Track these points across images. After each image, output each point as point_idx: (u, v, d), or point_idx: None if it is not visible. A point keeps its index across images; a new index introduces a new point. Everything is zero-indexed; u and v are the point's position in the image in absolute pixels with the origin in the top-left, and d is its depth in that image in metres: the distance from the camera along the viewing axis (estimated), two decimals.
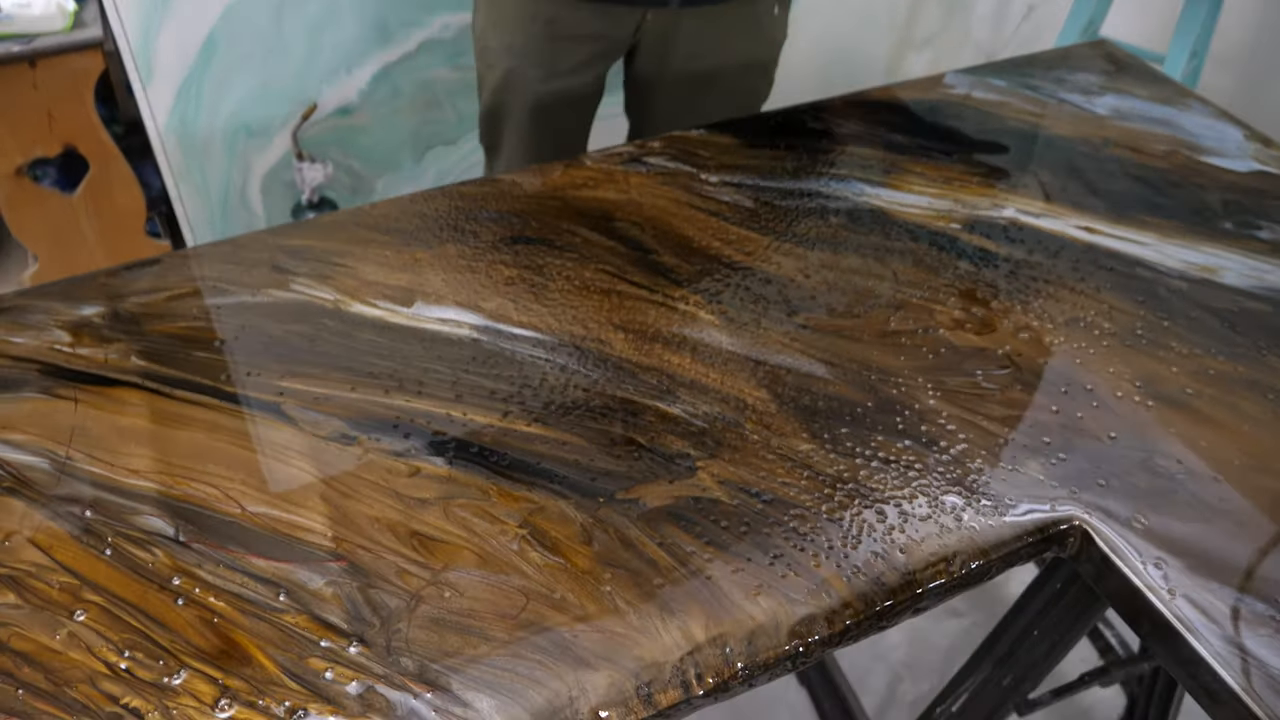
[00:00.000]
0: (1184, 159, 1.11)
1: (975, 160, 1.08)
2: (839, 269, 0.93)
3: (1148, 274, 0.96)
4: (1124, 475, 0.77)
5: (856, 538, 0.72)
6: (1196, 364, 0.86)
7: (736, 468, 0.76)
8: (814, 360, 0.84)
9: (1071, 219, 1.01)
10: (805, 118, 1.13)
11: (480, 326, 0.86)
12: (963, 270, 0.94)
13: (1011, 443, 0.79)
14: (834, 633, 0.68)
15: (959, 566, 0.71)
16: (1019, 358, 0.86)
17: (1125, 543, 0.73)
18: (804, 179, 1.04)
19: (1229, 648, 0.67)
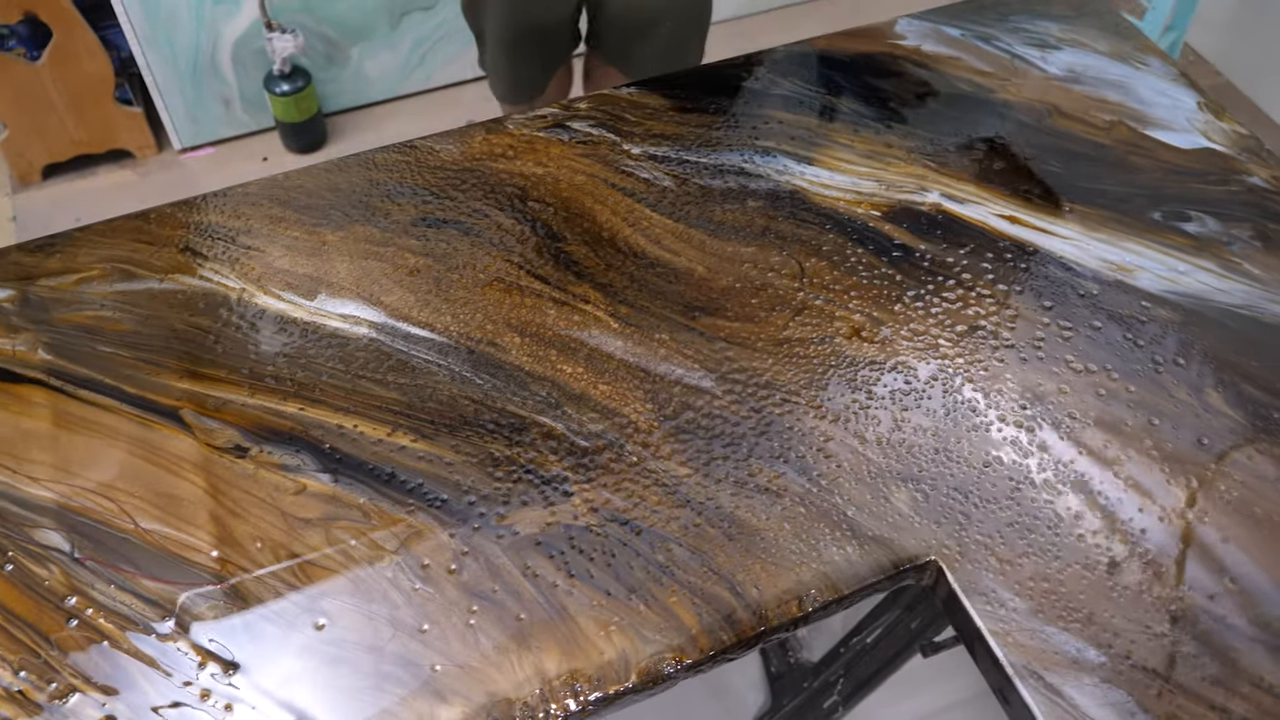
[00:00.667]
0: (1128, 132, 1.08)
1: (909, 131, 1.06)
2: (748, 262, 0.93)
3: (1061, 274, 0.95)
4: (989, 507, 0.80)
5: (715, 571, 0.76)
6: (1088, 382, 0.87)
7: (611, 493, 0.79)
8: (704, 372, 0.86)
9: (997, 205, 1.00)
10: (742, 74, 1.10)
11: (379, 324, 0.88)
12: (873, 267, 0.94)
13: (884, 470, 0.81)
14: (680, 669, 0.72)
15: (810, 603, 0.75)
16: (910, 372, 0.87)
17: (972, 582, 0.76)
18: (728, 151, 1.02)
19: (1049, 694, 0.71)
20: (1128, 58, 1.16)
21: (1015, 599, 0.76)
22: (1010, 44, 1.16)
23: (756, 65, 1.11)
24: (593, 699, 0.70)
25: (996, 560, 0.77)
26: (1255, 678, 0.73)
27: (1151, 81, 1.13)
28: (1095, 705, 0.72)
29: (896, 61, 1.13)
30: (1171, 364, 0.89)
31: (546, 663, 0.71)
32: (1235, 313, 0.93)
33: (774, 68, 1.11)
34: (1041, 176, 1.03)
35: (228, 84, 2.13)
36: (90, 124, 2.07)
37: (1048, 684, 0.72)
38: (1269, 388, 0.88)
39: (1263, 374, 0.89)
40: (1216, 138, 1.08)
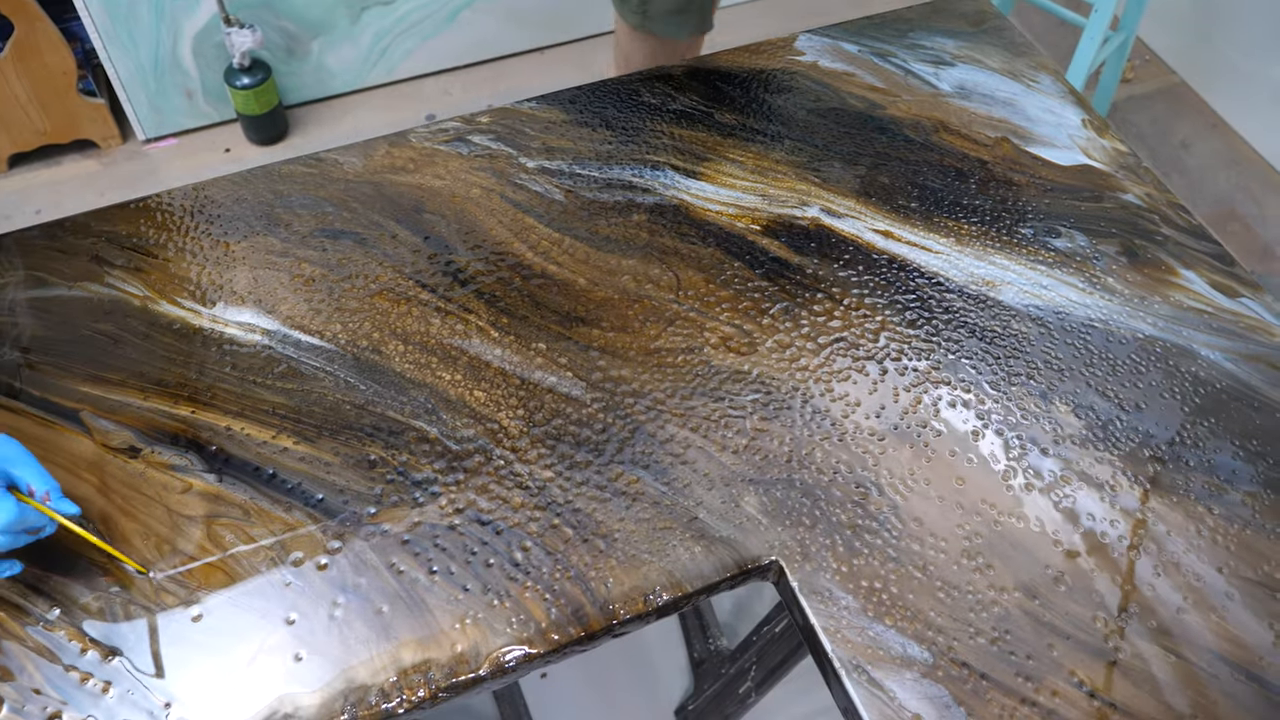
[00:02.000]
0: (1010, 150, 1.13)
1: (798, 146, 1.11)
2: (627, 275, 0.98)
3: (929, 288, 1.00)
4: (835, 512, 0.85)
5: (569, 570, 0.81)
6: (944, 393, 0.93)
7: (477, 495, 0.85)
8: (576, 380, 0.91)
9: (874, 220, 1.05)
10: (641, 89, 1.15)
11: (273, 332, 0.93)
12: (747, 280, 0.99)
13: (738, 476, 0.87)
14: (529, 660, 0.78)
15: (655, 600, 0.81)
16: (772, 382, 0.93)
17: (811, 581, 0.81)
18: (619, 166, 1.07)
19: (871, 689, 0.77)
20: (1020, 75, 1.20)
21: (849, 598, 0.81)
22: (906, 60, 1.21)
23: (656, 80, 1.16)
24: (443, 686, 0.76)
25: (835, 561, 0.83)
26: (1066, 673, 0.79)
27: (1039, 99, 1.18)
28: (914, 699, 0.77)
29: (792, 77, 1.18)
30: (1025, 377, 0.94)
31: (404, 653, 0.77)
32: (1092, 327, 0.98)
33: (672, 83, 1.16)
34: (920, 192, 1.08)
35: (190, 77, 2.17)
36: (54, 115, 2.11)
37: (871, 678, 0.78)
38: (1117, 399, 0.94)
39: (1112, 387, 0.95)
40: (1096, 155, 1.13)
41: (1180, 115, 2.46)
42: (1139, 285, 1.02)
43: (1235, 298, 1.03)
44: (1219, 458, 0.91)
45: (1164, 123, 2.46)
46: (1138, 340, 0.98)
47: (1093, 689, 0.78)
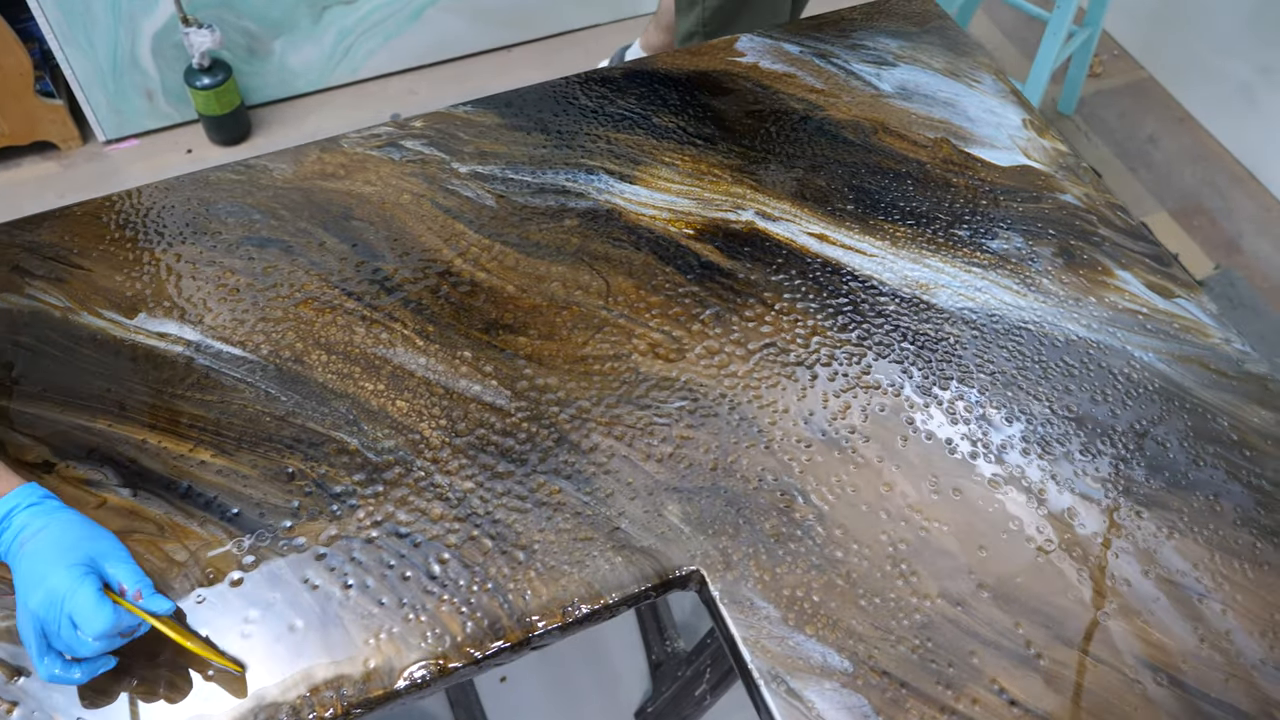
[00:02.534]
0: (950, 151, 1.12)
1: (735, 149, 1.10)
2: (557, 281, 0.98)
3: (862, 291, 1.00)
4: (759, 520, 0.84)
5: (487, 582, 0.81)
6: (872, 398, 0.92)
7: (395, 507, 0.84)
8: (501, 389, 0.90)
9: (809, 223, 1.04)
10: (579, 91, 1.14)
11: (195, 343, 0.92)
12: (678, 285, 0.98)
13: (661, 485, 0.86)
14: (443, 675, 0.77)
15: (574, 612, 0.80)
16: (700, 389, 0.92)
17: (732, 590, 0.81)
18: (553, 170, 1.06)
19: (790, 699, 0.76)
20: (961, 75, 1.20)
21: (770, 607, 0.81)
22: (847, 61, 1.20)
23: (594, 83, 1.15)
24: (355, 703, 0.75)
25: (758, 570, 0.82)
26: (987, 681, 0.78)
27: (980, 99, 1.17)
28: (833, 709, 0.77)
29: (732, 79, 1.17)
30: (957, 381, 0.94)
31: (316, 670, 0.76)
32: (1025, 329, 0.98)
33: (611, 85, 1.15)
34: (857, 194, 1.07)
35: (149, 77, 2.16)
36: (12, 117, 2.10)
37: (790, 688, 0.77)
38: (1049, 402, 0.93)
39: (1043, 390, 0.94)
40: (1036, 155, 1.12)
41: (1148, 110, 2.46)
42: (1074, 287, 1.01)
43: (1171, 298, 1.02)
44: (1150, 461, 0.90)
45: (1132, 117, 2.46)
46: (1071, 343, 0.97)
47: (1013, 697, 0.78)
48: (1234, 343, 1.00)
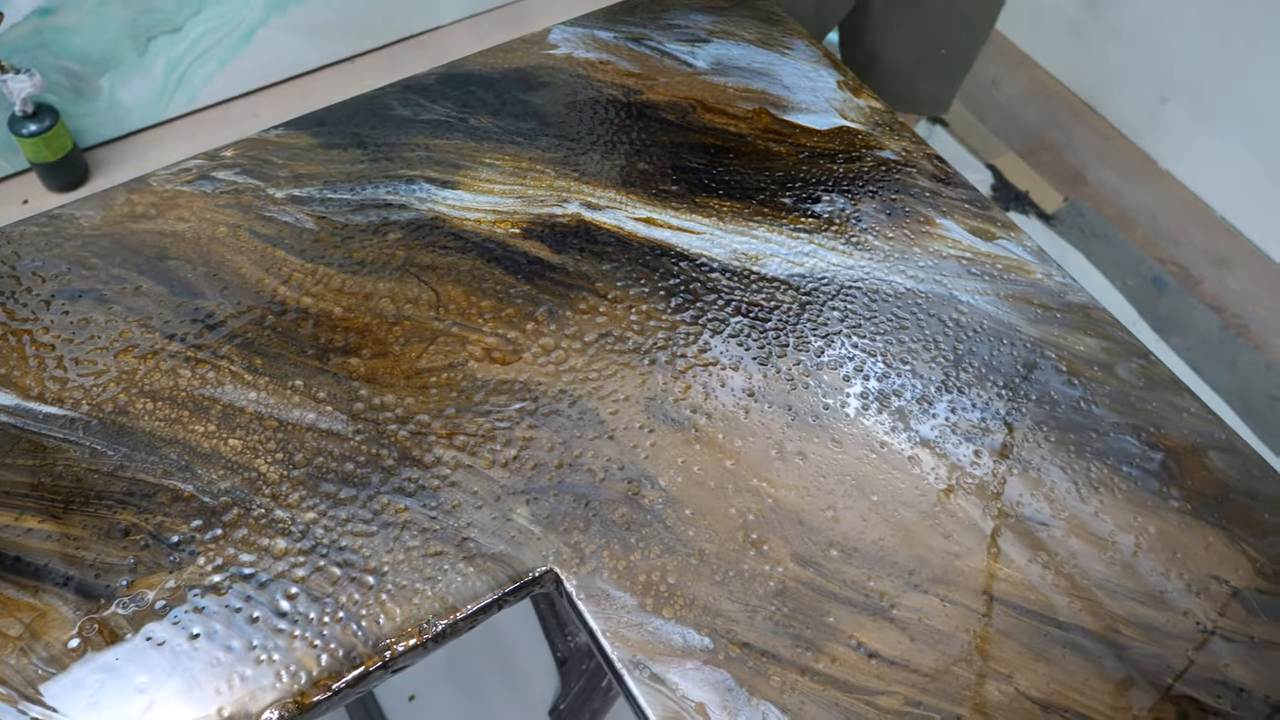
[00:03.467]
0: (768, 120, 1.13)
1: (556, 143, 1.09)
2: (385, 297, 0.96)
3: (693, 272, 1.00)
4: (608, 514, 0.84)
5: (336, 613, 0.79)
6: (711, 375, 0.93)
7: (237, 549, 0.82)
8: (337, 414, 0.89)
9: (636, 209, 1.04)
10: (392, 102, 1.12)
11: (10, 408, 0.88)
12: (509, 286, 0.98)
13: (508, 489, 0.86)
14: (303, 712, 0.76)
15: (431, 629, 0.79)
16: (539, 388, 0.92)
17: (588, 585, 0.81)
18: (372, 185, 1.04)
19: (653, 685, 0.77)
20: (774, 44, 1.21)
21: (625, 595, 0.81)
22: (661, 42, 1.20)
23: (407, 91, 1.13)
24: None
25: (611, 560, 0.82)
26: (845, 637, 0.80)
27: (794, 66, 1.19)
28: (697, 688, 0.77)
29: (548, 72, 1.16)
30: (792, 347, 0.95)
31: None
32: (855, 288, 1.00)
33: (424, 93, 1.13)
34: (680, 174, 1.07)
35: None
36: None
37: (653, 674, 0.78)
38: (884, 357, 0.95)
39: (878, 345, 0.96)
40: (852, 115, 1.14)
41: (988, 56, 2.52)
42: (899, 240, 1.04)
43: (992, 240, 1.05)
44: (983, 400, 0.93)
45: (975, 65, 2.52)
46: (900, 295, 0.99)
47: (871, 649, 0.79)
48: (1055, 276, 1.03)
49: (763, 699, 0.77)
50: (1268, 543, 0.87)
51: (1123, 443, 0.92)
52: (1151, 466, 0.91)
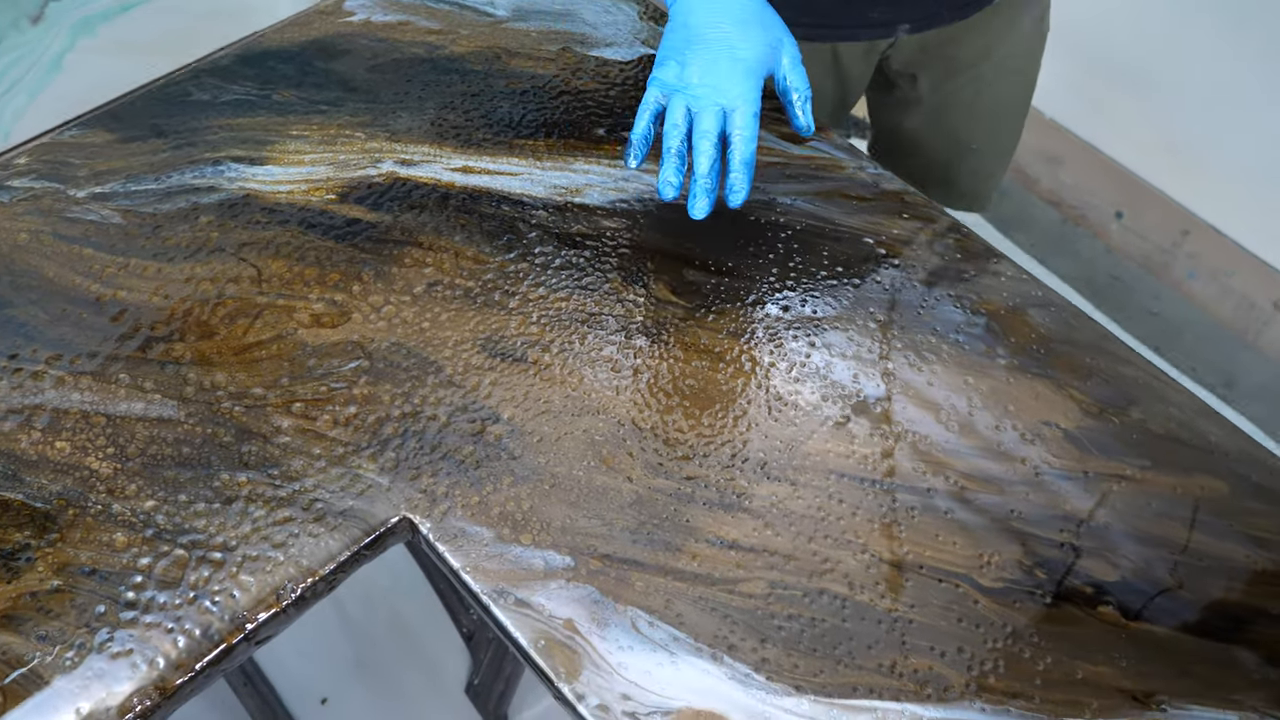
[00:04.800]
0: (574, 58, 1.14)
1: (363, 107, 1.08)
2: (205, 280, 0.94)
3: (513, 211, 1.00)
4: (455, 455, 0.84)
5: (188, 594, 0.78)
6: (546, 308, 0.93)
7: (76, 548, 0.79)
8: (166, 401, 0.87)
9: (451, 159, 1.04)
10: (188, 88, 1.10)
11: None
12: (331, 251, 0.96)
13: (352, 446, 0.85)
14: (167, 697, 0.74)
15: (289, 595, 0.78)
16: (372, 345, 0.91)
17: (444, 527, 0.81)
18: (177, 172, 1.02)
19: (520, 610, 0.77)
20: None
21: (482, 530, 0.81)
22: None
23: (203, 75, 1.11)
24: None
25: (463, 498, 0.82)
26: (705, 535, 0.81)
27: (596, 4, 1.20)
28: (563, 605, 0.78)
29: (346, 40, 1.15)
30: (619, 270, 0.96)
31: None
32: (679, 206, 1.01)
33: (221, 74, 1.11)
34: (492, 121, 1.07)
35: None
36: None
37: (518, 599, 0.78)
38: (705, 267, 0.96)
39: (706, 257, 0.97)
40: (654, 43, 1.16)
41: None
42: None
43: (803, 144, 1.07)
44: (812, 292, 0.95)
45: None
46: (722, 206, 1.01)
47: (730, 540, 0.81)
48: (868, 168, 1.06)
49: (629, 605, 0.78)
50: (1091, 384, 0.91)
51: (947, 313, 0.95)
52: (977, 330, 0.94)
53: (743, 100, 0.86)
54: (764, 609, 0.79)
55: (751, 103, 0.86)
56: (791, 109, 0.90)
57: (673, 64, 0.88)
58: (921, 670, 0.77)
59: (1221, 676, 0.78)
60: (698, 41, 0.87)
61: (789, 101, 0.90)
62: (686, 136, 0.87)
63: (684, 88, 0.87)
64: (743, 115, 0.86)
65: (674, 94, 0.88)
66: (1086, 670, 0.78)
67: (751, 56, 0.86)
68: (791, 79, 0.89)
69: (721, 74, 0.86)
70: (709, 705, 0.74)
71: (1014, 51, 1.21)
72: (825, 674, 0.76)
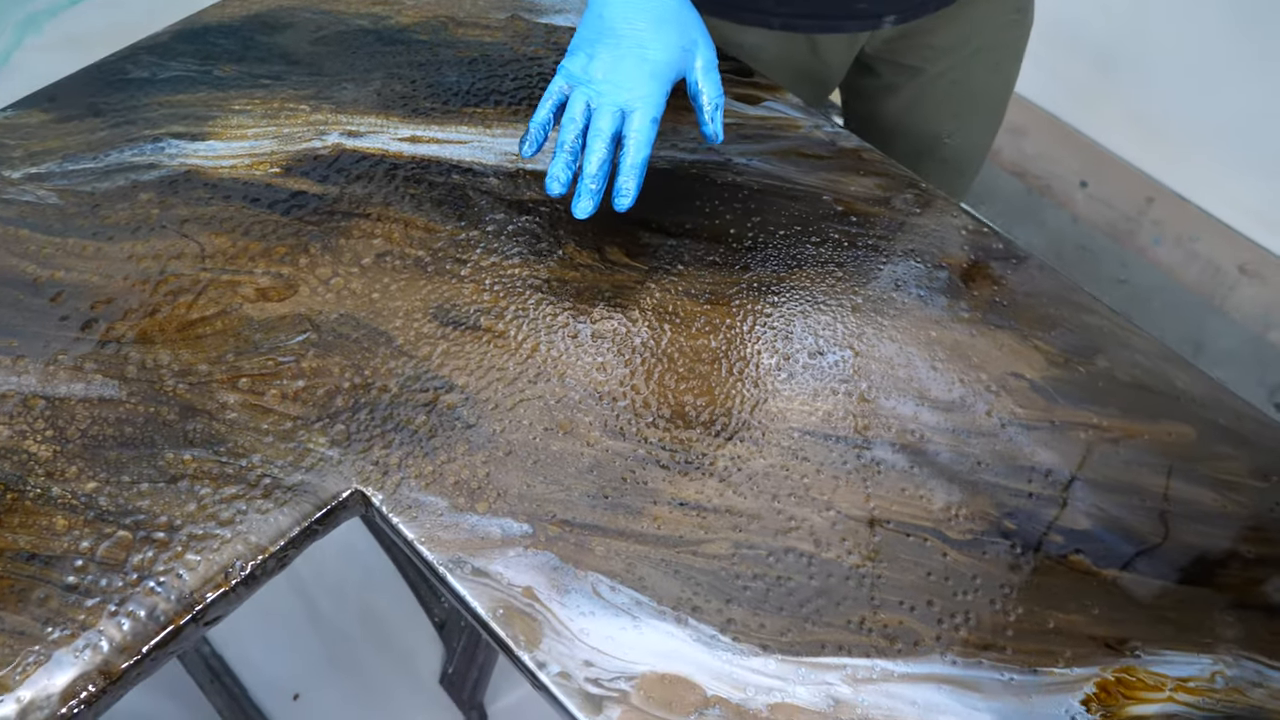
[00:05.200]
0: (523, 26, 1.12)
1: (307, 80, 1.06)
2: (146, 258, 0.92)
3: (463, 179, 0.98)
4: (408, 425, 0.82)
5: (136, 575, 0.75)
6: (493, 273, 0.91)
7: (14, 533, 0.77)
8: (108, 381, 0.84)
9: (398, 129, 1.02)
10: (129, 65, 1.07)
11: None
12: (277, 225, 0.94)
13: (300, 420, 0.82)
14: (113, 682, 0.72)
15: (238, 573, 0.76)
16: (320, 317, 0.88)
17: (398, 499, 0.78)
18: (116, 150, 0.99)
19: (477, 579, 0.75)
20: None
21: (437, 499, 0.79)
22: None
23: (142, 53, 1.08)
24: None
25: (417, 469, 0.80)
26: (666, 497, 0.79)
27: None
28: (522, 573, 0.76)
29: (289, 13, 1.12)
30: (573, 235, 0.94)
31: None
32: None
33: (161, 52, 1.08)
34: (440, 90, 1.05)
35: None
36: None
37: (475, 568, 0.76)
38: (661, 230, 0.94)
39: (657, 217, 0.95)
40: None
41: None
42: (669, 119, 1.03)
43: (758, 104, 1.05)
44: (769, 251, 0.93)
45: None
46: (676, 168, 0.99)
47: (692, 503, 0.79)
48: (824, 126, 1.04)
49: (590, 570, 0.76)
50: (1055, 334, 0.90)
51: (908, 268, 0.94)
52: (938, 285, 0.93)
53: (643, 103, 0.83)
54: (728, 570, 0.77)
55: (652, 107, 0.83)
56: (701, 115, 0.88)
57: (581, 55, 0.85)
58: (891, 625, 0.75)
59: (1195, 620, 0.77)
60: (609, 36, 0.84)
61: (699, 107, 0.87)
62: (582, 133, 0.84)
63: (587, 82, 0.84)
64: (640, 118, 0.83)
65: (577, 86, 0.85)
66: (1058, 620, 0.76)
67: (661, 59, 0.83)
68: (703, 84, 0.86)
69: (627, 73, 0.83)
70: (673, 668, 0.72)
71: (991, 44, 1.19)
72: (792, 633, 0.74)
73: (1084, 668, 0.74)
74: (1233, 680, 0.74)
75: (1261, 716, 0.73)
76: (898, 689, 0.72)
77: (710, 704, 0.71)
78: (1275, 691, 0.74)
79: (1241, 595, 0.78)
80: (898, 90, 1.21)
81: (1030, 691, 0.73)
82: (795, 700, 0.71)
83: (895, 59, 1.19)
